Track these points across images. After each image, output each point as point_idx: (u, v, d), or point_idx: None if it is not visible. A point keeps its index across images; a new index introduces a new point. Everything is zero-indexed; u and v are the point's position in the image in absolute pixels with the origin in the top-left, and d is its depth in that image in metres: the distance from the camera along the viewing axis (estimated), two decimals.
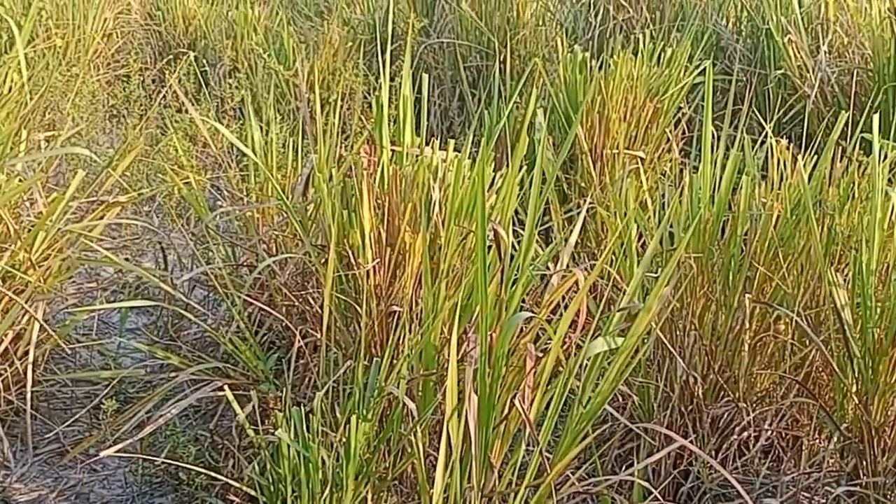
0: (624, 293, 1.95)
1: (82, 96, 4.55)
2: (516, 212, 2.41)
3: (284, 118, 4.79)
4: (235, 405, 2.01)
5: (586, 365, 1.85)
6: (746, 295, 2.33)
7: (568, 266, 2.08)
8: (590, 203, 2.78)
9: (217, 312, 2.80)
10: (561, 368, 1.86)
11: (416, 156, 2.42)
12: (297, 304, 2.43)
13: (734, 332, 2.35)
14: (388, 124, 2.46)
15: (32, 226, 2.54)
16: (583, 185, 3.41)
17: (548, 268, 2.24)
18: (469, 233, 2.25)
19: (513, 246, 2.05)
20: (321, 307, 2.30)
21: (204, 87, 5.22)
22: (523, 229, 2.55)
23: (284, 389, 2.04)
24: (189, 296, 2.90)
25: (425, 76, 2.52)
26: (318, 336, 2.25)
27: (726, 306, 2.36)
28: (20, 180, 2.56)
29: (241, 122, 4.54)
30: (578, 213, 2.80)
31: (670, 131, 3.57)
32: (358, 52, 5.35)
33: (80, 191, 2.69)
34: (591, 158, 3.36)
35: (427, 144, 2.47)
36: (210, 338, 2.71)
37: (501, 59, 4.65)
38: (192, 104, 4.29)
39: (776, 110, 4.02)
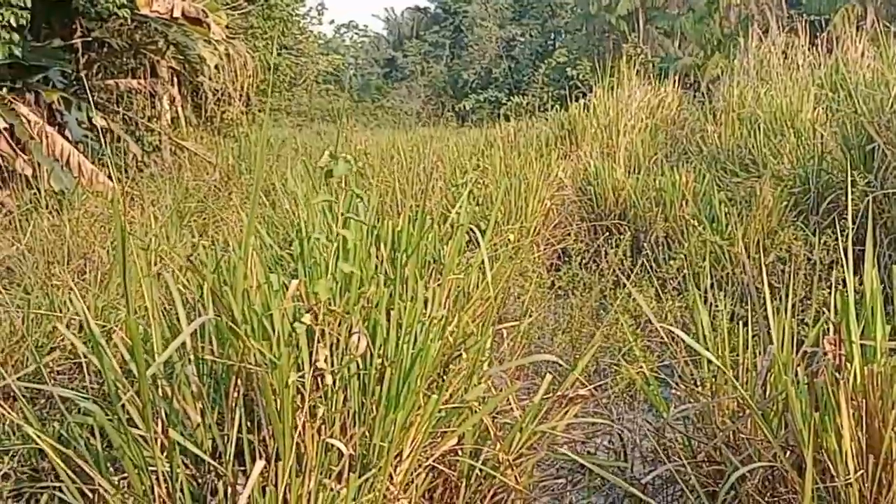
0: None
1: (529, 278, 4.92)
2: None
3: (722, 285, 4.76)
4: None
5: None
6: None
7: None
8: None
9: None
10: None
11: (891, 350, 2.27)
12: None
13: None
14: (855, 316, 2.35)
15: (503, 424, 2.75)
16: None
17: None
18: None
19: None
20: None
21: (638, 259, 5.39)
22: None
23: None
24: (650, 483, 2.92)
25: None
26: None
27: None
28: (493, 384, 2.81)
29: (681, 294, 4.60)
30: None
31: None
32: (793, 211, 5.20)
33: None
34: None
35: None
36: None
37: None
38: (633, 283, 4.44)
39: None
